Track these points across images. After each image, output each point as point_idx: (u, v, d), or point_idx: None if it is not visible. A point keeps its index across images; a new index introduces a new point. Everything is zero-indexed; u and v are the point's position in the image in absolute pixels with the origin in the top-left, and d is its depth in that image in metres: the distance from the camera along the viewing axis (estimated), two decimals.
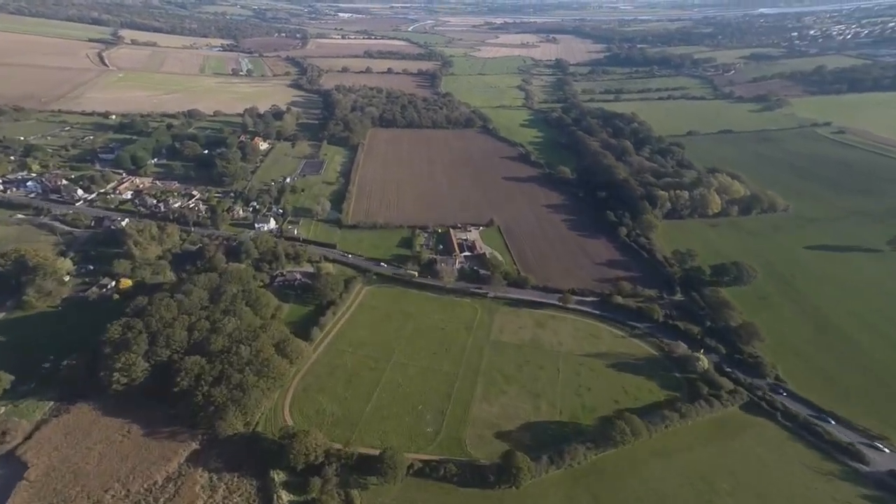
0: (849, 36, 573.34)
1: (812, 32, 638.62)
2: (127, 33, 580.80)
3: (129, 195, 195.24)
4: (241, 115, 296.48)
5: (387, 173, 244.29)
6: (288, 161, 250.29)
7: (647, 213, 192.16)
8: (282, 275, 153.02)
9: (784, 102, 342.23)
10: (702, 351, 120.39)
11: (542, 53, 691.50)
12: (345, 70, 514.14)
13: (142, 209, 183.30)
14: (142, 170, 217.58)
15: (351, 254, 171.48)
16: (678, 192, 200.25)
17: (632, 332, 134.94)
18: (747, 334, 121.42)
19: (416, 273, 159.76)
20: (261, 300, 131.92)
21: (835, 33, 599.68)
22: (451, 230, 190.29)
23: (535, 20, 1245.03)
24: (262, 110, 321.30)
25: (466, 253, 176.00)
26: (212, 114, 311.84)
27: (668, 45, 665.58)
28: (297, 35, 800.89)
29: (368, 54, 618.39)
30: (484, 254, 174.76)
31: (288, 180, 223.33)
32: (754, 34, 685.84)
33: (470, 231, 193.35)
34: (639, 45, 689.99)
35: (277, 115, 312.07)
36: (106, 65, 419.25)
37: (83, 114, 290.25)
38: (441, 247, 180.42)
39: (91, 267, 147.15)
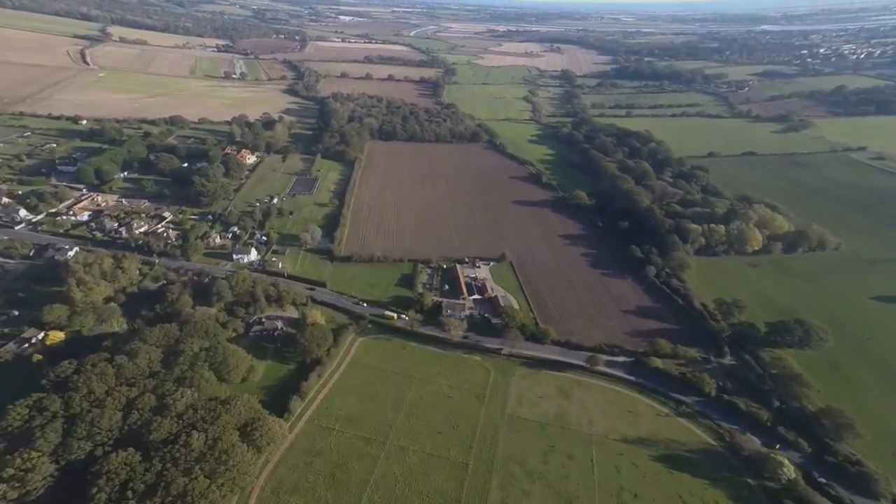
0: (862, 55, 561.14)
1: (822, 51, 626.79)
2: (116, 30, 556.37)
3: (85, 216, 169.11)
4: (229, 124, 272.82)
5: (386, 194, 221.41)
6: (277, 177, 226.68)
7: (678, 249, 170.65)
8: (260, 322, 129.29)
9: (808, 123, 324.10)
10: (778, 447, 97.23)
11: (547, 63, 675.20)
12: (343, 75, 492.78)
13: (98, 234, 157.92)
14: (107, 185, 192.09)
15: (343, 294, 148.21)
16: (712, 225, 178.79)
17: (677, 408, 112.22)
18: (836, 425, 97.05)
19: (419, 321, 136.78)
20: (229, 360, 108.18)
21: (847, 52, 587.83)
22: (458, 266, 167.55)
23: (538, 29, 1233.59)
24: (252, 118, 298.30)
25: (476, 296, 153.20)
26: (196, 121, 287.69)
27: (676, 59, 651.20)
28: (296, 37, 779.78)
29: (369, 59, 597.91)
30: (496, 297, 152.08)
31: (275, 200, 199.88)
32: (763, 51, 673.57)
33: (479, 267, 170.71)
34: (646, 58, 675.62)
35: (268, 124, 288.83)
36: (87, 63, 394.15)
37: (50, 117, 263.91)
38: (447, 287, 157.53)
39: (16, 313, 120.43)
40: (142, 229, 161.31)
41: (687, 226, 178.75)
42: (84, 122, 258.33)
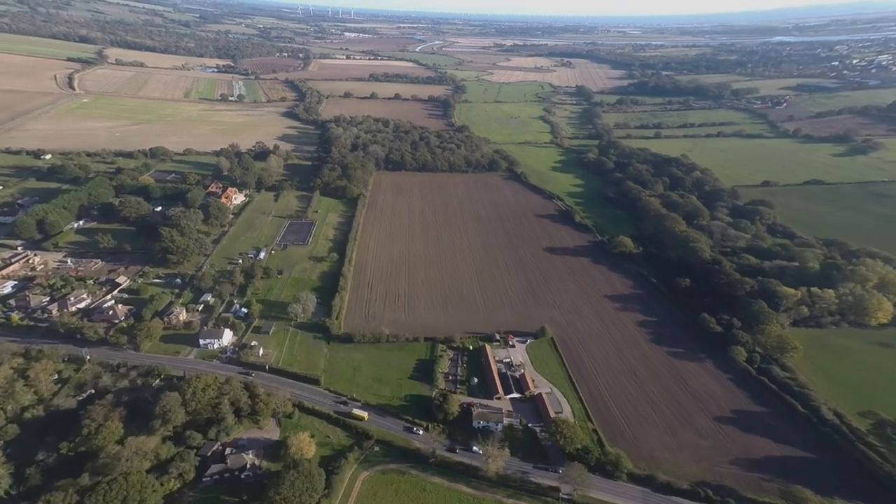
0: None
1: (856, 62, 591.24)
2: (114, 52, 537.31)
3: (8, 287, 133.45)
4: (217, 155, 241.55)
5: (394, 243, 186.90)
6: (267, 222, 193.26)
7: (769, 320, 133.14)
8: (221, 456, 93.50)
9: (875, 144, 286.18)
10: None
11: (560, 79, 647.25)
12: (347, 95, 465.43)
13: (15, 316, 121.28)
14: (52, 240, 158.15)
15: (342, 396, 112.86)
16: (814, 289, 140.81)
17: None
18: None
19: (443, 443, 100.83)
20: None
21: (884, 63, 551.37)
22: (488, 347, 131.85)
23: (546, 42, 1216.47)
24: (245, 146, 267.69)
25: (514, 394, 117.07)
26: (181, 152, 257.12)
27: (697, 73, 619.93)
28: (300, 55, 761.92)
29: (374, 77, 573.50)
30: (541, 396, 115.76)
31: (262, 255, 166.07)
32: (790, 63, 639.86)
33: (513, 346, 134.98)
34: (664, 72, 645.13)
35: (262, 154, 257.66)
36: (72, 88, 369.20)
37: (8, 152, 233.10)
38: (475, 380, 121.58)
39: None
40: (80, 304, 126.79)
41: (775, 288, 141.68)
42: (48, 156, 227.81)
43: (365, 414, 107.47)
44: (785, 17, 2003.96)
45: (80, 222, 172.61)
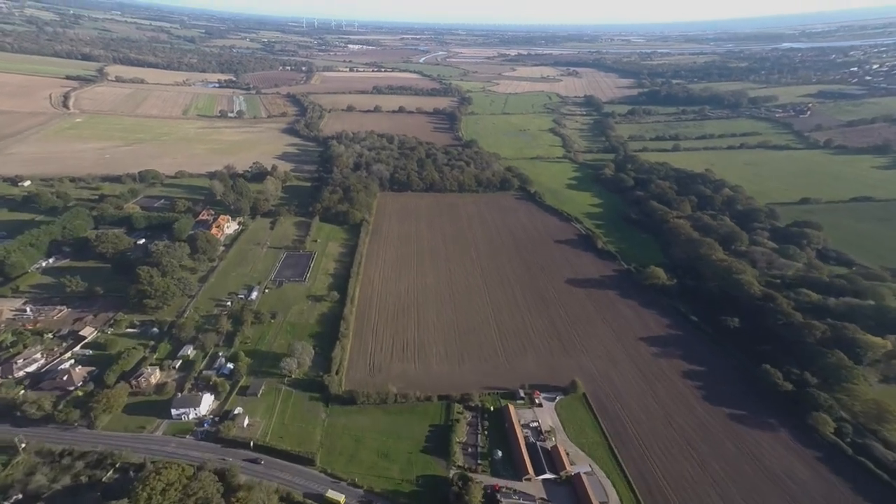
0: None
1: (876, 66, 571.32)
2: (115, 69, 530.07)
3: None
4: (211, 178, 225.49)
5: (401, 277, 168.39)
6: (261, 255, 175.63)
7: (856, 379, 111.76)
8: None
9: None
10: None
11: (567, 89, 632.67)
12: (350, 109, 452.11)
13: None
14: (13, 284, 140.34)
15: (341, 481, 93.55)
16: None
17: None
18: None
19: None
20: None
21: None
22: (511, 407, 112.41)
23: (550, 52, 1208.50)
24: (241, 167, 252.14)
25: (547, 475, 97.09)
26: (173, 174, 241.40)
27: (709, 81, 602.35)
28: (303, 68, 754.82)
29: (377, 90, 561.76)
30: (579, 478, 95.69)
31: (254, 294, 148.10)
32: (806, 69, 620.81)
33: (540, 405, 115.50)
34: (674, 81, 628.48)
35: (258, 176, 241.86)
36: (67, 107, 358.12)
37: None
38: (499, 453, 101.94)
39: None
40: (30, 367, 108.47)
41: (853, 335, 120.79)
42: (26, 183, 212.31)
43: (341, 498, 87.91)
44: (790, 24, 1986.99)
45: (50, 260, 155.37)
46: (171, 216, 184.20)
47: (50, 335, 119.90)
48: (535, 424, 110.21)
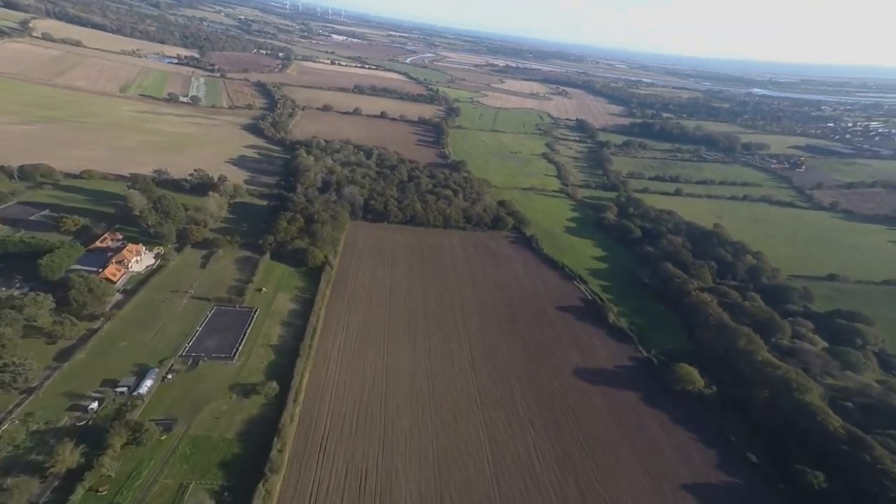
0: None
1: (850, 125, 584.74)
2: (46, 24, 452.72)
3: None
4: (131, 187, 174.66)
5: (367, 357, 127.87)
6: (177, 311, 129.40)
7: None
8: None
9: None
10: None
11: (558, 109, 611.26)
12: (327, 109, 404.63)
13: None
14: None
15: None
16: None
17: None
18: None
19: None
20: None
21: (882, 130, 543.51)
22: None
23: (539, 67, 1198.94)
24: (179, 172, 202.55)
25: None
26: (77, 173, 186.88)
27: (698, 118, 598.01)
28: (280, 54, 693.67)
29: (359, 89, 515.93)
30: None
31: (145, 385, 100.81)
32: (787, 119, 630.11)
33: None
34: (663, 114, 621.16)
35: (199, 187, 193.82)
36: None
37: None
38: None
39: None
40: None
41: None
42: None
43: None
44: (756, 70, 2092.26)
45: None
46: (44, 242, 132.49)
47: None
48: None
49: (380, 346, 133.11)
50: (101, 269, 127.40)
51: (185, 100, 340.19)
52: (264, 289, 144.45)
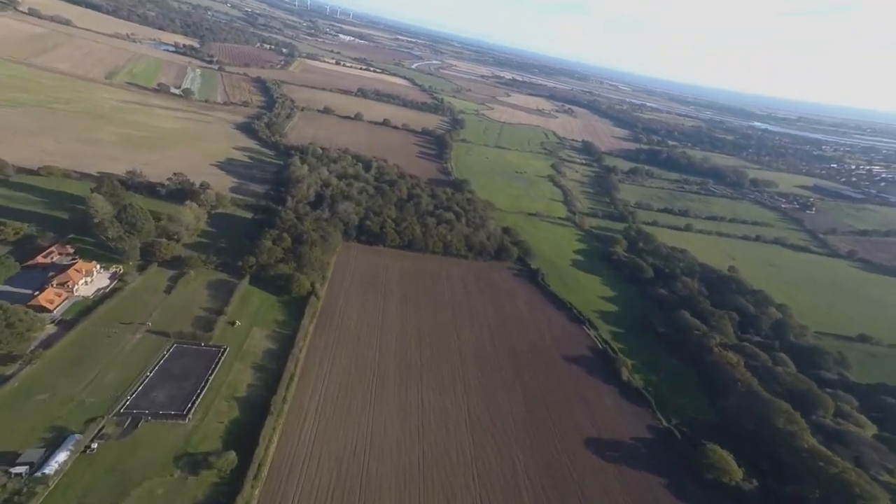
0: None
1: (853, 167, 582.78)
2: (35, 0, 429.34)
3: None
4: (95, 190, 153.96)
5: (350, 417, 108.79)
6: (125, 349, 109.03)
7: None
8: None
9: None
10: None
11: (564, 128, 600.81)
12: (327, 111, 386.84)
13: None
14: None
15: None
16: None
17: None
18: None
19: None
20: None
21: (887, 176, 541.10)
22: None
23: (545, 83, 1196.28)
24: (155, 176, 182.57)
25: None
26: (33, 168, 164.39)
27: (703, 148, 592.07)
28: (283, 50, 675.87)
29: (362, 92, 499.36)
30: None
31: (58, 458, 79.16)
32: (791, 156, 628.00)
33: None
34: (670, 142, 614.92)
35: (177, 194, 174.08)
36: None
37: None
38: None
39: None
40: None
41: None
42: None
43: None
44: (755, 103, 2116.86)
45: None
46: None
47: None
48: None
49: (365, 401, 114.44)
50: (35, 293, 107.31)
51: (176, 91, 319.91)
52: (238, 322, 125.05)
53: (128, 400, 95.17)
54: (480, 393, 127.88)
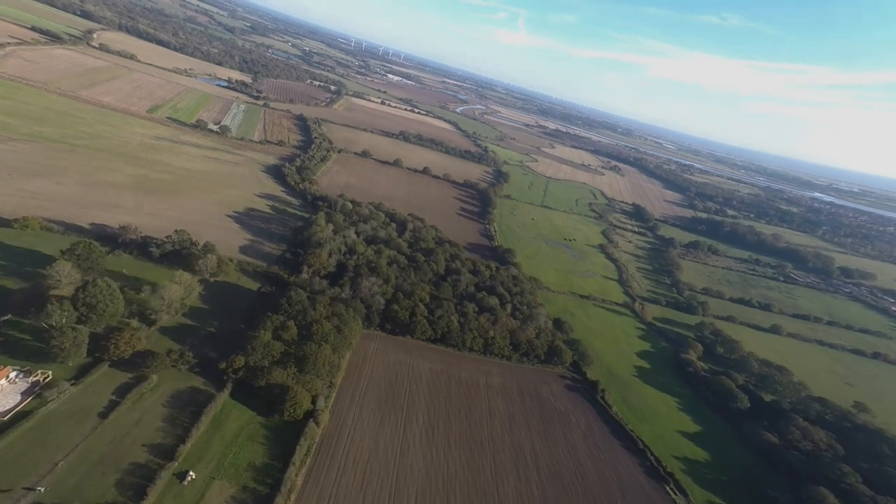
0: None
1: None
2: (111, 37, 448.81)
3: None
4: (67, 252, 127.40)
5: None
6: None
7: None
8: None
9: None
10: None
11: (612, 188, 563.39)
12: (365, 155, 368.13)
13: None
14: None
15: None
16: None
17: None
18: None
19: None
20: None
21: None
22: None
23: (589, 136, 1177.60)
24: (158, 230, 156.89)
25: None
26: (10, 219, 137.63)
27: (767, 221, 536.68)
28: (332, 87, 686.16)
29: (404, 136, 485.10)
30: None
31: None
32: (873, 238, 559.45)
33: None
34: (728, 210, 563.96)
35: (173, 256, 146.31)
36: None
37: None
38: None
39: None
40: None
41: None
42: None
43: None
44: (808, 171, 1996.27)
45: None
46: None
47: None
48: None
49: None
50: None
51: (213, 128, 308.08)
52: (191, 475, 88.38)
53: None
54: None
